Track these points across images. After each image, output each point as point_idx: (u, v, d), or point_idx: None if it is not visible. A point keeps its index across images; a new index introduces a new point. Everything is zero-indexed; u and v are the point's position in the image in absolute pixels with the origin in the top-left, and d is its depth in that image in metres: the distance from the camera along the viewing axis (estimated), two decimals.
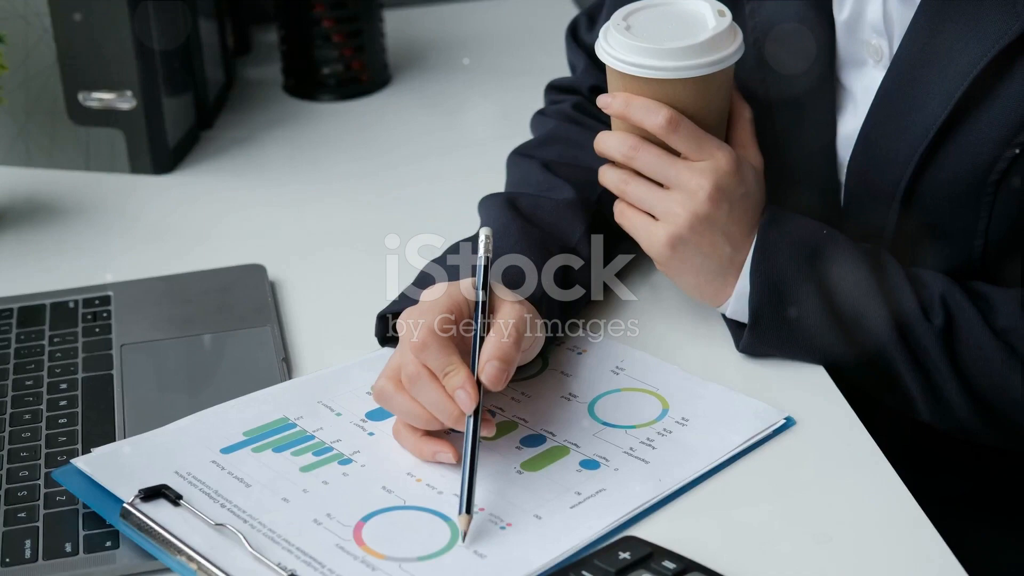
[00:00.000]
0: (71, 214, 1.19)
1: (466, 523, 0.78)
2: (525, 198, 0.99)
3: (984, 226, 0.90)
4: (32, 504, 0.82)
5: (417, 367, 0.83)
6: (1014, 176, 0.88)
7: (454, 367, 0.82)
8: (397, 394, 0.84)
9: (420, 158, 1.27)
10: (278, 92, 1.40)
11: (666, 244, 0.91)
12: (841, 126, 0.97)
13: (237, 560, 0.76)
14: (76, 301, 1.03)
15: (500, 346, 0.83)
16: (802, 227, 0.92)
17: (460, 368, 0.82)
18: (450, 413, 0.82)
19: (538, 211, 0.97)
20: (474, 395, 0.81)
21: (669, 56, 0.89)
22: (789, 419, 0.87)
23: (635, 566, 0.74)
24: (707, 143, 0.91)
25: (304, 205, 1.20)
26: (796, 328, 0.91)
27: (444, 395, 0.82)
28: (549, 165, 1.02)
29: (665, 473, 0.83)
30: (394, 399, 0.84)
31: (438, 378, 0.82)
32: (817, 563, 0.77)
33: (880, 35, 0.93)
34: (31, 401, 0.92)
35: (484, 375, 0.82)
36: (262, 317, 1.00)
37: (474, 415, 0.81)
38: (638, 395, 0.90)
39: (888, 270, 0.90)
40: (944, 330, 0.88)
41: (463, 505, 0.79)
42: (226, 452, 0.85)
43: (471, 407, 0.81)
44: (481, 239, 0.89)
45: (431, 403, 0.82)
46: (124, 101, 1.22)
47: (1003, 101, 0.86)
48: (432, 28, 1.54)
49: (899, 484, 0.82)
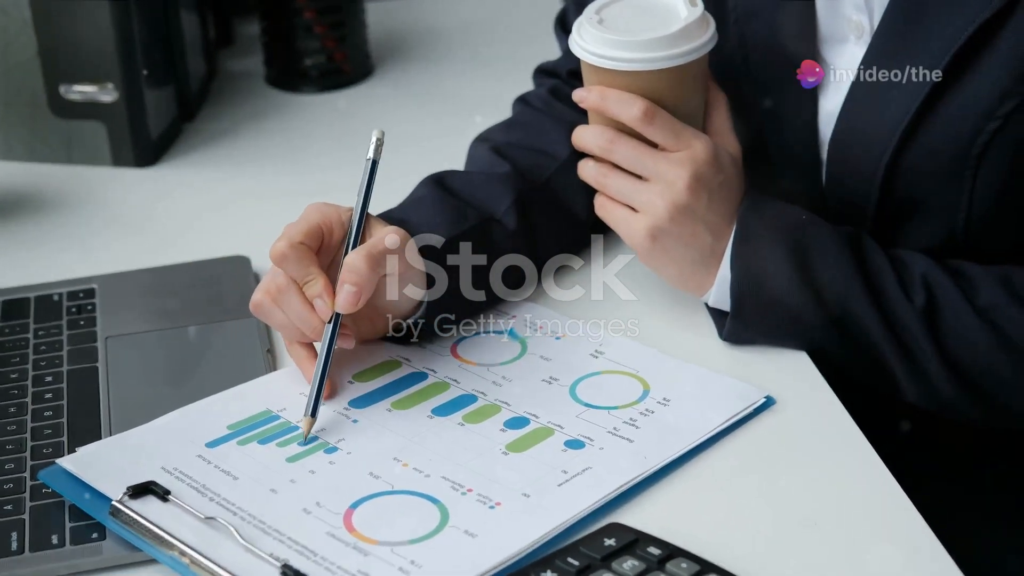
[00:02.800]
0: (54, 207, 1.19)
1: (308, 425, 0.85)
2: (457, 175, 1.00)
3: (967, 201, 0.91)
4: (18, 496, 0.82)
5: (284, 279, 0.87)
6: (995, 149, 0.88)
7: (313, 276, 0.86)
8: (271, 307, 0.88)
9: (402, 149, 1.27)
10: (260, 84, 1.40)
11: (647, 236, 0.92)
12: (823, 103, 0.97)
13: (229, 553, 0.76)
14: (60, 294, 1.03)
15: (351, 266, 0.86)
16: (782, 213, 0.92)
17: (319, 278, 0.86)
18: (311, 325, 0.86)
19: (466, 186, 0.98)
20: (330, 304, 0.85)
21: (642, 48, 0.89)
22: (769, 398, 0.88)
23: (620, 552, 0.75)
24: (684, 133, 0.91)
25: (288, 196, 1.19)
26: (778, 314, 0.91)
27: (306, 306, 0.86)
28: (499, 148, 1.02)
29: (650, 451, 0.83)
30: (272, 312, 0.88)
31: (302, 290, 0.86)
32: (801, 545, 0.78)
33: (861, 11, 0.93)
34: (16, 394, 0.92)
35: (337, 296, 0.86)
36: (247, 309, 0.99)
37: (332, 322, 0.86)
38: (619, 377, 0.91)
39: (868, 252, 0.91)
40: (926, 310, 0.88)
41: (309, 408, 0.85)
42: (211, 446, 0.85)
43: (328, 315, 0.86)
44: (372, 142, 0.91)
45: (294, 314, 0.87)
46: (106, 94, 1.22)
47: (984, 75, 0.87)
48: (414, 19, 1.54)
49: (880, 465, 0.83)
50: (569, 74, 1.09)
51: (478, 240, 0.94)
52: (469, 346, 0.95)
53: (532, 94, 1.10)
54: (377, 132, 0.91)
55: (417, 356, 0.94)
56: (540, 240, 0.98)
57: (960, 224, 0.92)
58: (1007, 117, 0.87)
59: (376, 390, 0.90)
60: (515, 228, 0.96)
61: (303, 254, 0.86)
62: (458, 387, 0.90)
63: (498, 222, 0.96)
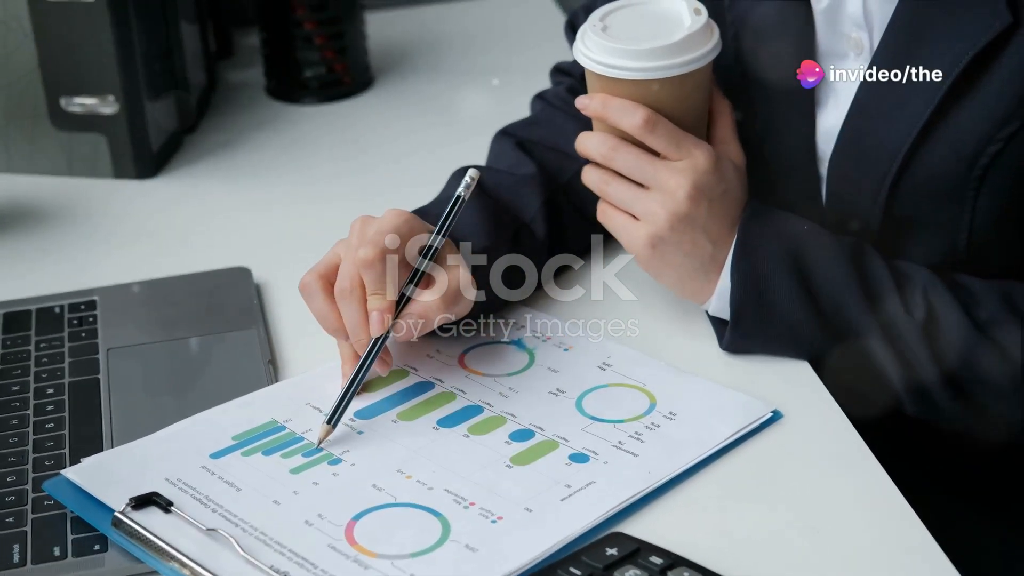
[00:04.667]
0: (55, 219, 1.19)
1: (325, 432, 0.85)
2: (489, 172, 1.01)
3: (968, 220, 0.91)
4: (20, 509, 0.82)
5: (353, 283, 0.87)
6: (997, 171, 0.89)
7: (383, 291, 0.87)
8: (320, 294, 0.88)
9: (403, 160, 1.27)
10: (260, 95, 1.41)
11: (647, 244, 0.92)
12: (821, 120, 0.97)
13: (230, 564, 0.76)
14: (62, 306, 1.03)
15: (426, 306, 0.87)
16: (783, 222, 0.92)
17: (387, 295, 0.87)
18: (358, 336, 0.87)
19: (497, 187, 0.99)
20: (386, 324, 0.87)
21: (645, 56, 0.90)
22: (776, 412, 0.88)
23: (622, 562, 0.75)
24: (685, 142, 0.91)
25: (288, 207, 1.20)
26: (778, 324, 0.91)
27: (363, 315, 0.87)
28: (524, 144, 1.03)
29: (654, 466, 0.83)
30: (316, 298, 0.89)
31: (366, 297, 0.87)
32: (804, 556, 0.78)
33: (860, 28, 0.93)
34: (18, 406, 0.92)
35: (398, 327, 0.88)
36: (248, 320, 1.00)
37: (381, 340, 0.87)
38: (625, 390, 0.91)
39: (870, 264, 0.91)
40: (926, 323, 0.88)
41: (331, 416, 0.86)
42: (215, 457, 0.85)
43: (379, 332, 0.87)
44: (465, 179, 0.91)
45: (350, 319, 0.87)
46: (106, 106, 1.22)
47: (985, 97, 0.87)
48: (414, 30, 1.54)
49: (884, 476, 0.83)
50: (581, 77, 1.09)
51: (513, 248, 0.96)
52: (477, 356, 0.95)
53: (550, 92, 1.11)
54: (473, 172, 0.92)
55: (424, 366, 0.94)
56: (563, 245, 1.00)
57: (962, 243, 0.92)
58: (1008, 139, 0.87)
59: (383, 400, 0.90)
60: (544, 235, 0.99)
61: (389, 268, 0.87)
62: (465, 398, 0.90)
63: (527, 227, 0.98)
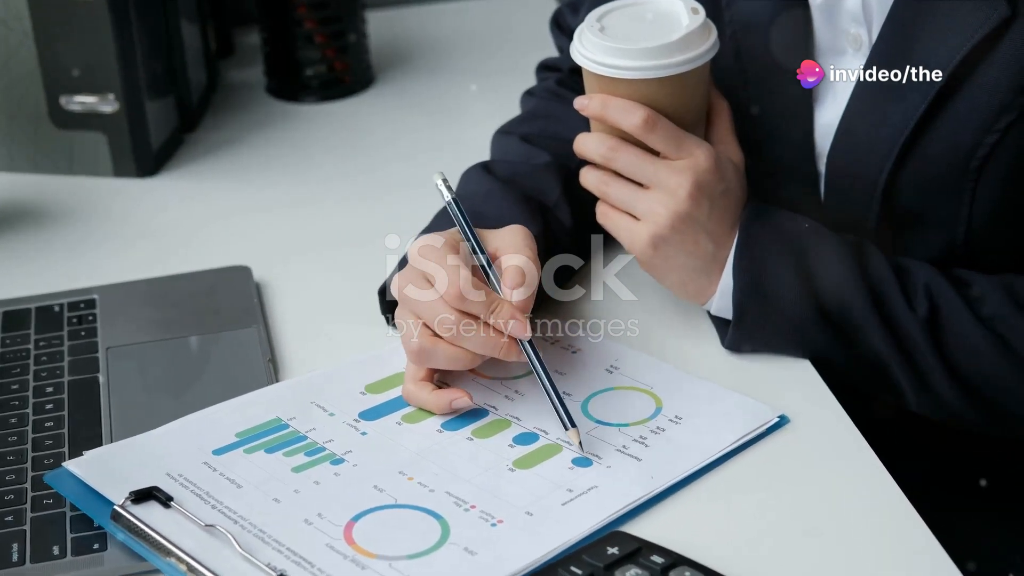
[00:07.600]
0: (55, 218, 1.19)
1: (577, 435, 0.84)
2: (502, 164, 1.01)
3: (966, 213, 0.91)
4: (19, 508, 0.82)
5: (455, 316, 0.85)
6: (994, 162, 0.88)
7: (496, 303, 0.86)
8: (435, 347, 0.86)
9: (404, 159, 1.27)
10: (261, 94, 1.40)
11: (648, 244, 0.91)
12: (819, 116, 0.97)
13: (227, 561, 0.76)
14: (61, 305, 1.03)
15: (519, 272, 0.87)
16: (784, 221, 0.92)
17: (503, 302, 0.86)
18: (498, 345, 0.86)
19: (516, 176, 0.99)
20: (524, 320, 0.86)
21: (643, 56, 0.89)
22: (783, 417, 0.87)
23: (623, 561, 0.74)
24: (685, 141, 0.91)
25: (288, 206, 1.20)
26: (780, 322, 0.91)
27: (488, 330, 0.85)
28: (528, 138, 1.03)
29: (657, 471, 0.83)
30: (434, 353, 0.86)
31: (477, 318, 0.85)
32: (806, 557, 0.78)
33: (859, 24, 0.93)
34: (17, 405, 0.92)
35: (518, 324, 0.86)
36: (248, 318, 1.00)
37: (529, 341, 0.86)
38: (632, 393, 0.90)
39: (871, 261, 0.90)
40: (929, 319, 0.88)
41: (565, 421, 0.84)
42: (218, 453, 0.85)
43: (526, 332, 0.86)
44: (438, 183, 0.90)
45: (480, 342, 0.86)
46: (107, 104, 1.22)
47: (983, 88, 0.87)
48: (415, 29, 1.54)
49: (887, 477, 0.83)
50: (571, 71, 1.09)
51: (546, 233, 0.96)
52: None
53: (539, 87, 1.11)
54: (437, 176, 0.91)
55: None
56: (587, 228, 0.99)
57: (960, 235, 0.92)
58: (1006, 130, 0.87)
59: (388, 402, 0.90)
60: (568, 218, 0.99)
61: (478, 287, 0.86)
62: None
63: (551, 211, 0.98)
